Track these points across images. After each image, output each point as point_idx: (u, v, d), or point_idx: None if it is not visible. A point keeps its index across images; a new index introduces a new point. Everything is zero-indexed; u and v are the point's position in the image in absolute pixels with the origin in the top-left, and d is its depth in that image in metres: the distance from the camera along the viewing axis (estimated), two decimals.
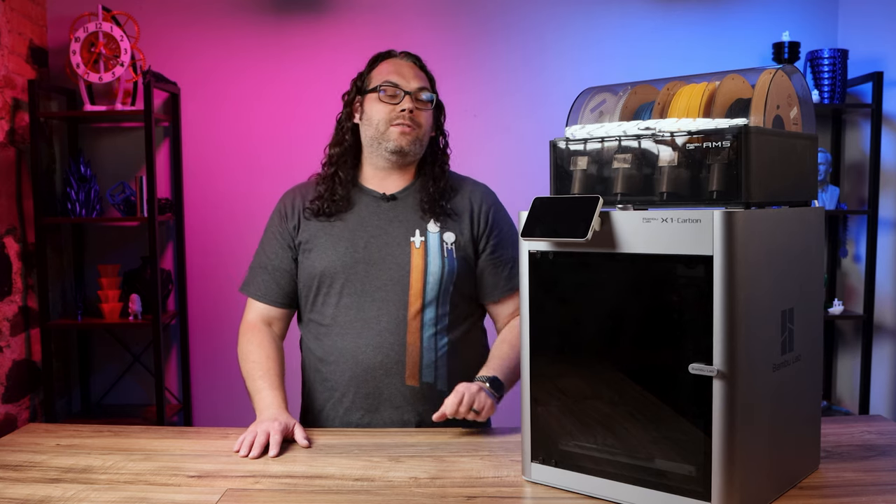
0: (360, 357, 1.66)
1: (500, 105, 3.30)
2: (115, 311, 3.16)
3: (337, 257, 1.67)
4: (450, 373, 1.69)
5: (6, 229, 2.97)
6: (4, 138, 2.96)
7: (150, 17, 3.26)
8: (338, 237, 1.69)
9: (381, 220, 1.70)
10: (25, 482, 1.31)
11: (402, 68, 1.71)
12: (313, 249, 1.70)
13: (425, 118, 1.71)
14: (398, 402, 1.66)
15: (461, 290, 1.71)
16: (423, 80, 1.72)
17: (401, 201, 1.72)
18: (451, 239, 1.70)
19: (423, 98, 1.70)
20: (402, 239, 1.68)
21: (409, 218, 1.70)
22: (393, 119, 1.67)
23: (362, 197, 1.73)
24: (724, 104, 1.21)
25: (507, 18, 3.33)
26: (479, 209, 1.74)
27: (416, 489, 1.27)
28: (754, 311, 1.10)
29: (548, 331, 1.26)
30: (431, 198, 1.70)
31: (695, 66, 3.01)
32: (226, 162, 3.35)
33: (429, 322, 1.67)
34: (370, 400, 1.67)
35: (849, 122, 3.39)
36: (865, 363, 3.18)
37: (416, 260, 1.67)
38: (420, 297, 1.66)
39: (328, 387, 1.70)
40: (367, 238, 1.68)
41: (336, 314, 1.68)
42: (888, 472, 1.30)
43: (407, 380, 1.66)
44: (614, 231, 1.17)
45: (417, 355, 1.66)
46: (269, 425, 1.50)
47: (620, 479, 1.19)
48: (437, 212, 1.70)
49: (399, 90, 1.68)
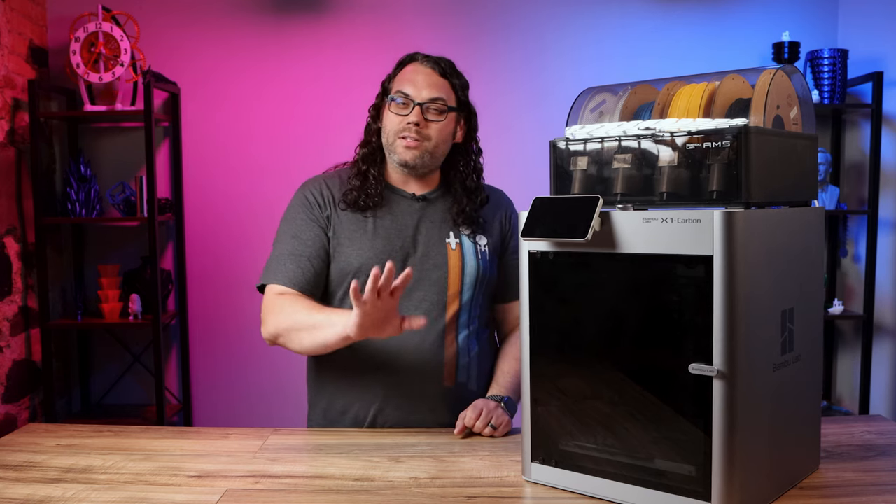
0: (398, 359, 1.63)
1: (500, 105, 3.30)
2: (115, 311, 3.16)
3: (374, 253, 1.63)
4: (479, 373, 1.70)
5: (6, 229, 2.97)
6: (4, 138, 2.96)
7: (150, 17, 3.26)
8: (374, 233, 1.65)
9: (415, 219, 1.68)
10: (25, 482, 1.31)
11: (417, 76, 1.65)
12: (348, 243, 1.65)
13: (437, 130, 1.64)
14: (434, 403, 1.65)
15: (489, 293, 1.73)
16: (439, 88, 1.64)
17: (432, 203, 1.71)
18: (485, 242, 1.71)
19: (434, 109, 1.64)
20: (438, 240, 1.67)
21: (442, 219, 1.69)
22: (400, 131, 1.63)
23: (392, 196, 1.70)
24: (724, 104, 1.21)
25: (507, 18, 3.33)
26: (506, 214, 1.77)
27: (416, 489, 1.27)
28: (754, 311, 1.10)
29: (548, 331, 1.26)
30: (462, 208, 1.68)
31: (695, 66, 3.01)
32: (226, 162, 3.35)
33: (464, 323, 1.67)
34: (408, 401, 1.64)
35: (849, 122, 3.39)
36: (865, 363, 3.18)
37: (454, 261, 1.66)
38: (457, 298, 1.66)
39: (360, 385, 1.65)
40: (403, 237, 1.66)
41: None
42: (888, 472, 1.30)
43: (444, 381, 1.65)
44: (614, 231, 1.17)
45: (454, 356, 1.65)
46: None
47: (620, 479, 1.19)
48: (471, 219, 1.69)
49: (409, 100, 1.63)
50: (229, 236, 3.36)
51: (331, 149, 2.90)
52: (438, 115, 1.64)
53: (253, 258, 2.87)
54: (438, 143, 1.66)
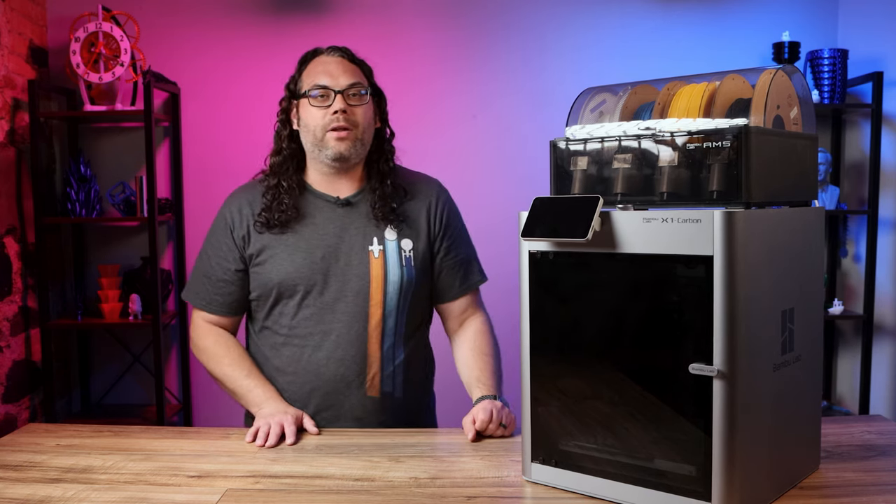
0: (321, 370, 1.63)
1: (500, 105, 3.30)
2: (115, 311, 3.16)
3: (294, 268, 1.63)
4: (406, 380, 1.68)
5: (6, 229, 2.97)
6: (4, 138, 2.96)
7: (150, 17, 3.26)
8: (294, 247, 1.64)
9: (337, 226, 1.65)
10: (25, 482, 1.31)
11: (329, 66, 1.63)
12: (268, 260, 1.65)
13: (362, 114, 1.63)
14: (359, 413, 1.65)
15: (418, 297, 1.69)
16: (354, 74, 1.64)
17: (355, 206, 1.67)
18: (409, 246, 1.67)
19: (355, 94, 1.62)
20: (360, 248, 1.64)
21: (365, 224, 1.66)
22: (328, 124, 1.60)
23: (314, 202, 1.67)
24: (724, 104, 1.21)
25: (507, 18, 3.33)
26: (434, 211, 1.71)
27: (416, 489, 1.27)
28: (754, 311, 1.10)
29: (548, 331, 1.26)
30: (383, 202, 1.65)
31: (695, 66, 3.01)
32: (226, 162, 3.34)
33: (389, 332, 1.65)
34: (331, 412, 1.65)
35: (849, 122, 3.39)
36: (865, 363, 3.18)
37: (376, 270, 1.64)
38: (380, 307, 1.64)
39: (285, 397, 1.65)
40: (324, 248, 1.64)
41: (294, 325, 1.64)
42: (888, 472, 1.30)
43: (368, 391, 1.65)
44: (614, 231, 1.17)
45: (378, 366, 1.65)
46: (281, 417, 1.51)
47: (620, 479, 1.19)
48: (391, 218, 1.66)
49: (329, 90, 1.61)
50: None
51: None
52: (360, 100, 1.63)
53: None
54: (365, 127, 1.64)
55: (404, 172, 1.75)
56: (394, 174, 1.70)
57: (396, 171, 1.72)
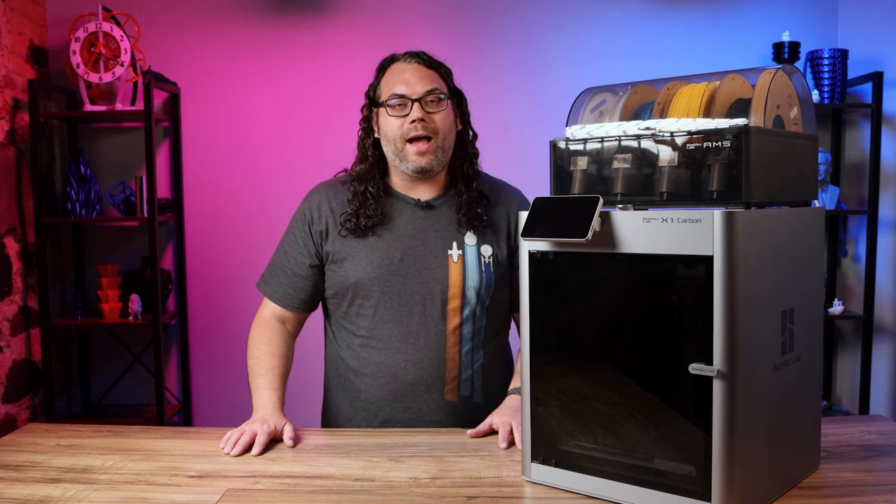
0: (400, 373, 1.63)
1: (500, 105, 3.30)
2: (115, 311, 3.16)
3: (372, 269, 1.62)
4: (485, 384, 1.68)
5: (6, 229, 2.97)
6: (4, 138, 2.96)
7: (150, 17, 3.26)
8: (372, 247, 1.63)
9: (417, 229, 1.65)
10: (25, 482, 1.31)
11: (405, 74, 1.62)
12: (346, 259, 1.65)
13: (441, 120, 1.61)
14: (436, 416, 1.65)
15: (497, 303, 1.69)
16: (431, 80, 1.63)
17: (436, 210, 1.67)
18: (489, 252, 1.66)
19: (433, 100, 1.61)
20: (440, 251, 1.64)
21: (445, 228, 1.65)
22: (406, 133, 1.59)
23: (396, 203, 1.67)
24: (724, 104, 1.21)
25: (507, 18, 3.33)
26: (512, 213, 1.71)
27: (416, 489, 1.27)
28: (754, 311, 1.10)
29: (548, 331, 1.26)
30: (467, 206, 1.65)
31: (695, 66, 3.02)
32: (226, 162, 3.35)
33: (466, 336, 1.65)
34: (408, 415, 1.65)
35: (849, 122, 3.39)
36: (865, 363, 3.18)
37: (455, 275, 1.63)
38: (458, 312, 1.64)
39: (362, 398, 1.66)
40: (403, 250, 1.63)
41: (372, 326, 1.64)
42: (888, 472, 1.30)
43: (446, 395, 1.65)
44: (614, 231, 1.17)
45: (456, 370, 1.65)
46: (257, 426, 1.50)
47: (620, 479, 1.19)
48: (474, 224, 1.65)
49: (406, 99, 1.60)
50: (229, 236, 3.36)
51: (330, 149, 2.91)
52: (438, 106, 1.62)
53: (252, 258, 2.87)
54: (445, 134, 1.63)
55: (487, 178, 1.75)
56: (477, 178, 1.70)
57: (479, 176, 1.72)
